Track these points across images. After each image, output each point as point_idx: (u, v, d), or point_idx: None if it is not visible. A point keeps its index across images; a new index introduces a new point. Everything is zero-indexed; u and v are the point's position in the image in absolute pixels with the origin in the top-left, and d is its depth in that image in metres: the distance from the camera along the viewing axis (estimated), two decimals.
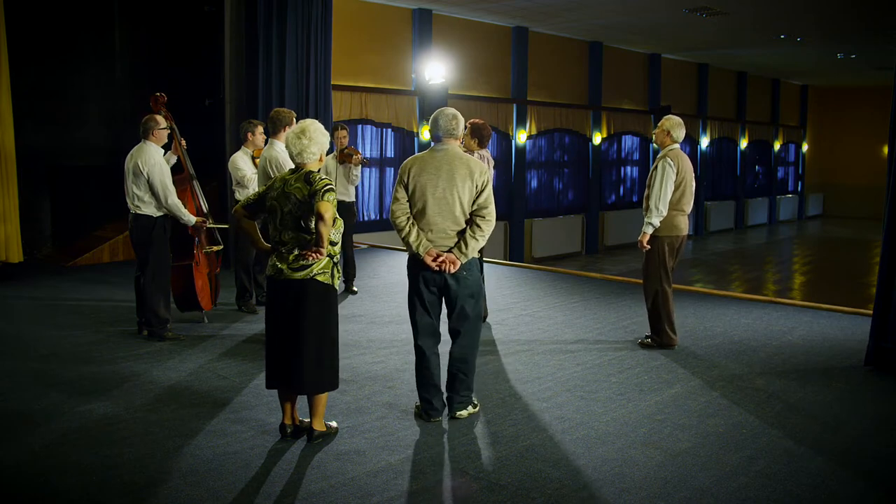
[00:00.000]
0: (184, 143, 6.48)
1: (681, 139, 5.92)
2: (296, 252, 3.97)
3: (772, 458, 3.97)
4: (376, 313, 7.18)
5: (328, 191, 3.88)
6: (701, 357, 5.83)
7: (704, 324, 6.88)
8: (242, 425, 4.34)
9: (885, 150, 6.56)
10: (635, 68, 18.80)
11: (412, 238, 4.29)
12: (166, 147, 6.20)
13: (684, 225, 5.92)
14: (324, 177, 4.00)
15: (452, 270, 4.29)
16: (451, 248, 4.32)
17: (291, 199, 3.96)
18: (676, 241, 5.91)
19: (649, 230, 5.81)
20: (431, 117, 4.48)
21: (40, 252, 10.14)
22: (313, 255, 3.91)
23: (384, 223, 13.50)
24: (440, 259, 4.27)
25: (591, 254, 17.77)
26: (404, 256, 4.87)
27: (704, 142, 21.40)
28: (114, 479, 3.67)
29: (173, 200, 5.96)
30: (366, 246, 11.50)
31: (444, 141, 4.43)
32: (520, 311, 7.35)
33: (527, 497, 3.53)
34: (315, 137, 4.04)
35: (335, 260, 4.07)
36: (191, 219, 6.14)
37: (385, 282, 8.77)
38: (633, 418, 4.52)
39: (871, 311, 5.87)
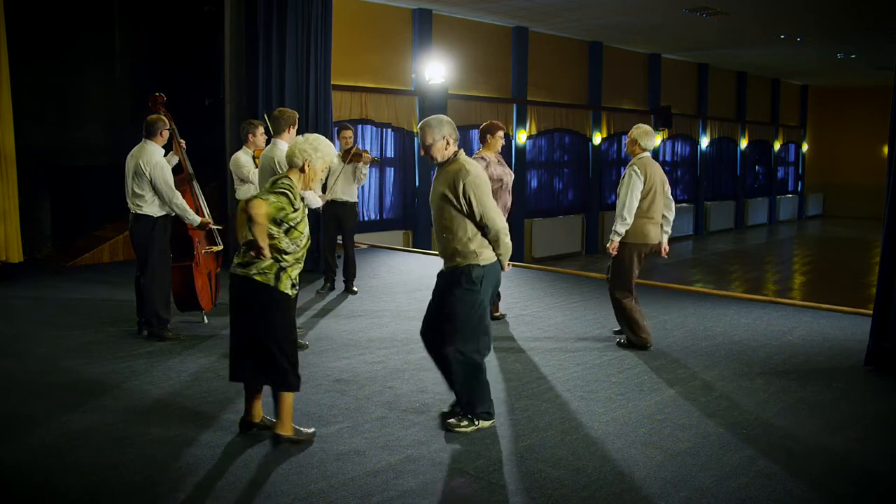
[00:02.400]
0: (183, 143, 6.48)
1: (650, 147, 6.01)
2: (244, 248, 3.97)
3: (772, 458, 3.97)
4: (376, 313, 7.18)
5: (274, 192, 3.88)
6: (701, 357, 5.83)
7: (704, 324, 6.88)
8: None
9: (885, 150, 6.55)
10: (635, 68, 18.80)
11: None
12: (167, 147, 6.19)
13: (654, 234, 5.99)
14: (287, 182, 3.97)
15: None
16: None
17: None
18: (645, 248, 6.01)
19: (616, 238, 5.94)
20: (443, 122, 4.22)
21: (40, 252, 10.13)
22: (253, 254, 3.86)
23: (384, 223, 13.51)
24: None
25: (591, 254, 17.77)
26: (404, 256, 4.86)
27: (704, 142, 21.40)
28: (114, 479, 3.67)
29: (178, 200, 5.96)
30: (366, 246, 11.49)
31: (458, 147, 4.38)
32: (520, 311, 7.35)
33: (527, 497, 3.53)
34: (315, 144, 4.04)
35: (283, 265, 3.93)
36: (195, 219, 6.13)
37: (385, 282, 8.77)
38: (633, 418, 4.53)
39: (871, 311, 5.87)
